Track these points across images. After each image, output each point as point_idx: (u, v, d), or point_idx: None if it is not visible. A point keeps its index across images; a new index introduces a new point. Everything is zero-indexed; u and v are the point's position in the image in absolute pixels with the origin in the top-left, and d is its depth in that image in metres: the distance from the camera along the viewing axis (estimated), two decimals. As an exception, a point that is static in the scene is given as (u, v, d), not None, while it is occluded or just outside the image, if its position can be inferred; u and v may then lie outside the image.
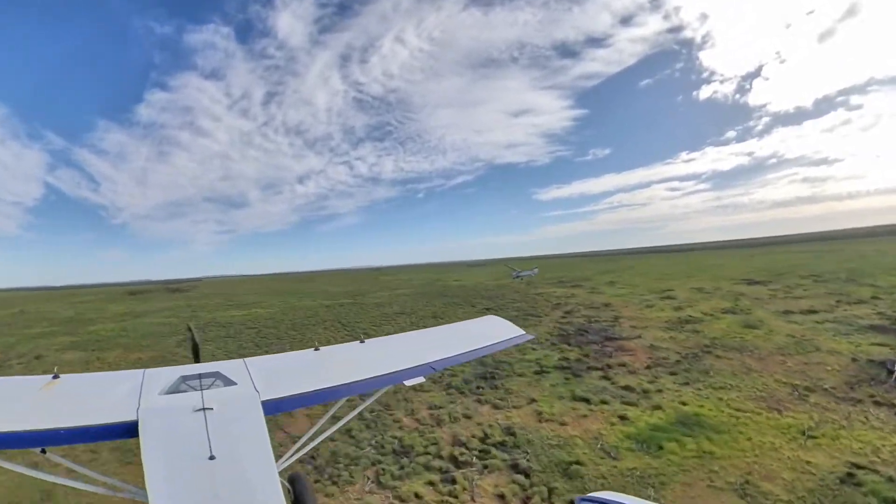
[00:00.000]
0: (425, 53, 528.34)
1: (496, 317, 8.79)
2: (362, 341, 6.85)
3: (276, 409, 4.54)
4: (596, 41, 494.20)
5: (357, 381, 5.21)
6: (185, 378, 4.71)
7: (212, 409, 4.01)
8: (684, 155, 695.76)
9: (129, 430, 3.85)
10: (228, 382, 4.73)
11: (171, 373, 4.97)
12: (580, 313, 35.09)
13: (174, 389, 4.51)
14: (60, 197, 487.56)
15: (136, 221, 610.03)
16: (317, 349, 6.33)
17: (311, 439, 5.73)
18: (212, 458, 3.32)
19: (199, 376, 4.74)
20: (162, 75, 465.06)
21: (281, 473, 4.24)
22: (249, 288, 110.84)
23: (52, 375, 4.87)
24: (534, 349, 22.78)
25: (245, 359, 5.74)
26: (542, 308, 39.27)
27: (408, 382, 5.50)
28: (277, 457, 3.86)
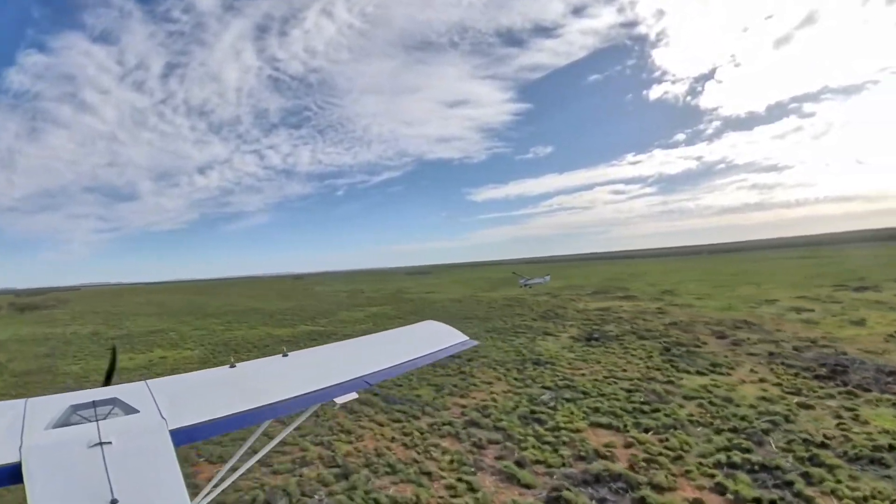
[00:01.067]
0: (355, 31, 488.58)
1: (435, 321, 7.61)
2: (285, 354, 5.76)
3: (187, 439, 3.76)
4: (545, 30, 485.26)
5: (281, 401, 4.49)
6: (76, 407, 3.91)
7: (110, 442, 3.32)
8: (630, 157, 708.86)
9: (11, 475, 3.12)
10: (129, 410, 3.95)
11: (59, 401, 4.07)
12: (746, 337, 24.16)
13: (64, 422, 3.72)
14: None
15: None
16: (233, 366, 5.29)
17: (232, 471, 4.89)
18: (114, 501, 2.78)
19: (94, 404, 3.92)
20: (41, 34, 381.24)
21: None
22: (142, 303, 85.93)
23: None
24: (855, 414, 13.84)
25: (148, 381, 4.67)
26: (675, 335, 24.68)
27: (339, 400, 4.80)
28: (193, 494, 3.62)
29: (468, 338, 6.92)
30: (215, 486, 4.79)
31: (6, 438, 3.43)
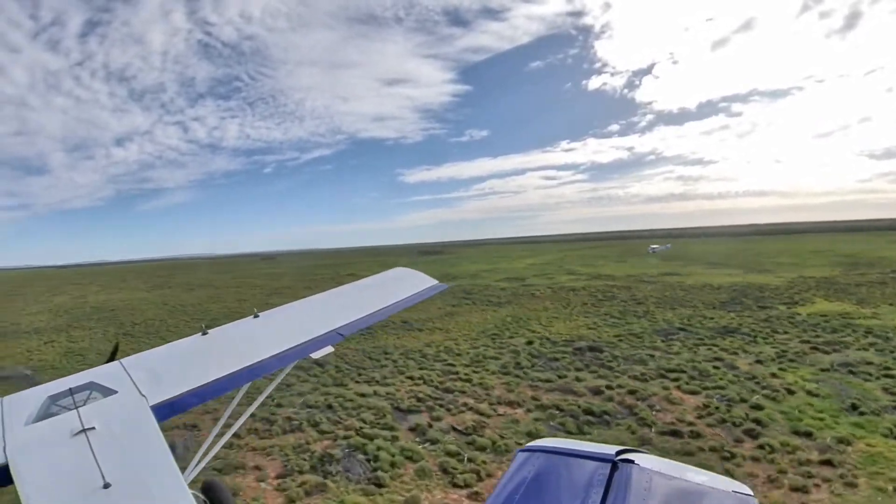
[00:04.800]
0: None
1: (404, 268, 7.59)
2: (256, 315, 5.68)
3: (169, 413, 3.80)
4: (492, 13, 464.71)
5: (257, 363, 4.50)
6: (53, 398, 3.86)
7: (94, 428, 3.29)
8: (565, 144, 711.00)
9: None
10: (107, 392, 3.91)
11: (36, 395, 4.01)
12: None
13: (44, 414, 3.66)
14: None
15: None
16: (205, 333, 5.23)
17: (218, 437, 4.80)
18: (106, 485, 2.75)
19: (71, 392, 3.85)
20: None
21: (192, 485, 3.77)
22: (61, 308, 55.68)
23: None
24: None
25: (122, 359, 4.67)
26: None
27: (315, 355, 4.95)
28: (183, 467, 3.65)
29: (438, 281, 6.88)
30: (203, 455, 4.66)
31: None
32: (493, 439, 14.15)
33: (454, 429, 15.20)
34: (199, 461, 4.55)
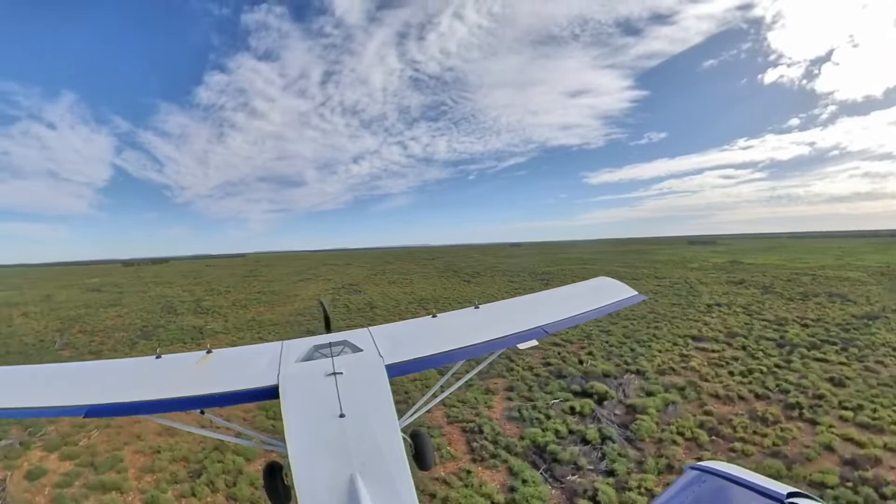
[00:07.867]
0: (484, 30, 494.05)
1: (607, 278, 7.97)
2: (476, 307, 6.63)
3: (399, 373, 4.76)
4: (661, 18, 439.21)
5: (472, 345, 5.35)
6: (317, 347, 5.11)
7: (341, 373, 4.34)
8: (742, 142, 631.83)
9: (272, 394, 4.35)
10: (355, 349, 5.05)
11: (306, 343, 5.37)
12: None
13: (308, 357, 4.91)
14: (127, 178, 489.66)
15: (198, 200, 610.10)
16: (434, 316, 6.36)
17: (432, 398, 5.89)
18: (341, 416, 3.71)
19: (330, 345, 5.11)
20: (221, 57, 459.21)
21: (403, 430, 4.51)
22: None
23: (205, 351, 5.42)
24: None
25: (370, 327, 5.84)
26: None
27: (521, 346, 5.70)
28: (400, 415, 4.22)
29: (637, 293, 7.11)
30: (416, 410, 5.56)
31: (269, 368, 4.69)
32: None
33: None
34: (413, 414, 5.49)
